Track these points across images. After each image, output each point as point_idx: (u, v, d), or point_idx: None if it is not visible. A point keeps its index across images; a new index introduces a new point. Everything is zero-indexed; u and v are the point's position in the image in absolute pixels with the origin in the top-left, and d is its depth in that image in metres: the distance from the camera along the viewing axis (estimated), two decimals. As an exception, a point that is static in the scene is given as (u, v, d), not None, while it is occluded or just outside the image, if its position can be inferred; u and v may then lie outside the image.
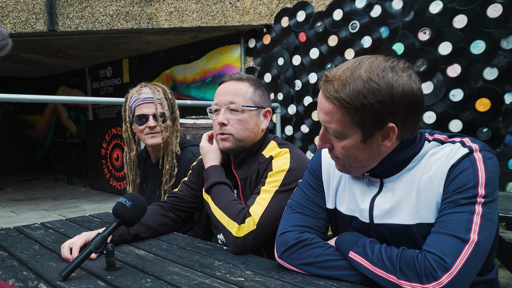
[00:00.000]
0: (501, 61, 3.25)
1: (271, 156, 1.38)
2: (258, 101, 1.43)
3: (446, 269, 0.80)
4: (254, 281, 0.96)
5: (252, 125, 1.42)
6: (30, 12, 4.69)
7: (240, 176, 1.41)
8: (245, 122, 1.40)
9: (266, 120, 1.47)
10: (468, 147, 0.91)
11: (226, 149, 1.43)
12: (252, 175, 1.39)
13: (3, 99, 2.68)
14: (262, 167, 1.37)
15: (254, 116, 1.42)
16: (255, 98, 1.42)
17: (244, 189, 1.41)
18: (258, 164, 1.39)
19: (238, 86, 1.41)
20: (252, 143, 1.44)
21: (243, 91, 1.41)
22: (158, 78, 6.37)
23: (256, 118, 1.43)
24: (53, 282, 0.98)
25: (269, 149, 1.42)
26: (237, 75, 1.44)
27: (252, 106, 1.41)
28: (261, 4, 4.77)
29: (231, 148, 1.42)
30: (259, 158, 1.41)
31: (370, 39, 4.00)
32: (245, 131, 1.40)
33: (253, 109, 1.41)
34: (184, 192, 1.58)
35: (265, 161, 1.38)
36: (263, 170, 1.36)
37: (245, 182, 1.41)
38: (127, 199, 1.13)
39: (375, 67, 0.89)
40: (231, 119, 1.39)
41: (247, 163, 1.44)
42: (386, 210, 0.97)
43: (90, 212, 5.00)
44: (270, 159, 1.37)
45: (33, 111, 9.54)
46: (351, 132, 0.92)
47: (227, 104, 1.40)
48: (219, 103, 1.42)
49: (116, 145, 6.24)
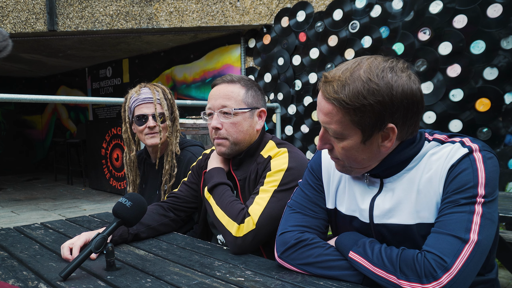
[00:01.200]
0: (501, 61, 3.25)
1: (270, 156, 1.37)
2: (251, 102, 1.42)
3: (446, 269, 0.80)
4: (254, 281, 0.96)
5: (247, 127, 1.41)
6: (30, 12, 4.69)
7: (239, 177, 1.41)
8: (239, 124, 1.39)
9: (260, 120, 1.46)
10: (468, 147, 0.91)
11: (222, 154, 1.43)
12: (250, 176, 1.39)
13: (3, 99, 2.68)
14: (261, 167, 1.37)
15: (248, 118, 1.41)
16: (247, 99, 1.41)
17: (243, 190, 1.41)
18: (257, 164, 1.39)
19: (230, 89, 1.40)
20: (248, 144, 1.43)
21: (234, 93, 1.40)
22: (158, 78, 6.37)
23: (250, 120, 1.42)
24: (53, 282, 0.98)
25: (268, 149, 1.42)
26: (228, 77, 1.43)
27: (245, 108, 1.40)
28: (261, 4, 4.78)
29: (227, 153, 1.42)
30: (258, 158, 1.40)
31: (370, 39, 4.00)
32: (239, 134, 1.39)
33: (246, 111, 1.40)
34: (184, 192, 1.58)
35: (263, 161, 1.38)
36: (262, 170, 1.36)
37: (243, 183, 1.41)
38: (127, 199, 1.13)
39: (374, 67, 0.89)
40: (224, 122, 1.39)
41: (245, 164, 1.43)
42: (386, 210, 0.97)
43: (90, 212, 5.00)
44: (268, 159, 1.37)
45: (33, 111, 9.54)
46: (351, 133, 0.92)
47: (219, 108, 1.39)
48: (212, 107, 1.42)
49: (116, 145, 6.24)
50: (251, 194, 1.36)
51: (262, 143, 1.45)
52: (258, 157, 1.41)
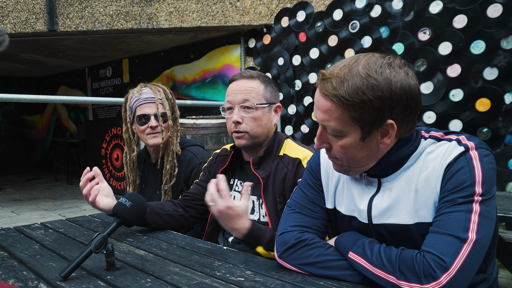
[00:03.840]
0: (501, 61, 3.25)
1: (299, 159, 1.39)
2: (270, 97, 1.47)
3: (445, 269, 0.80)
4: (254, 281, 0.96)
5: (266, 121, 1.45)
6: (30, 12, 4.69)
7: (262, 176, 1.43)
8: (259, 119, 1.43)
9: (277, 115, 1.51)
10: (464, 145, 0.91)
11: (241, 146, 1.46)
12: (275, 175, 1.41)
13: (3, 99, 2.68)
14: (291, 169, 1.38)
15: (267, 113, 1.46)
16: (266, 94, 1.46)
17: (266, 189, 1.42)
18: (283, 164, 1.41)
19: (250, 84, 1.44)
20: (265, 138, 1.47)
21: (255, 88, 1.44)
22: (158, 78, 6.37)
23: (268, 114, 1.47)
24: (53, 282, 0.98)
25: (290, 149, 1.45)
26: (247, 73, 1.47)
27: (265, 103, 1.45)
28: (261, 4, 4.78)
29: (247, 145, 1.45)
30: (283, 158, 1.43)
31: (370, 39, 4.00)
32: (259, 128, 1.44)
33: (266, 106, 1.45)
34: (194, 190, 1.61)
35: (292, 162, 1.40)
36: (293, 173, 1.38)
37: (267, 181, 1.42)
38: (127, 199, 1.13)
39: (372, 63, 0.90)
40: (245, 117, 1.42)
41: (266, 162, 1.46)
42: (384, 210, 0.97)
43: (90, 212, 5.00)
44: (298, 161, 1.39)
45: (33, 111, 9.54)
46: (350, 130, 0.92)
47: (241, 103, 1.43)
48: (232, 101, 1.45)
49: (116, 145, 6.24)
50: (274, 193, 1.38)
51: (277, 141, 1.49)
52: (283, 157, 1.43)
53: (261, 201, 1.43)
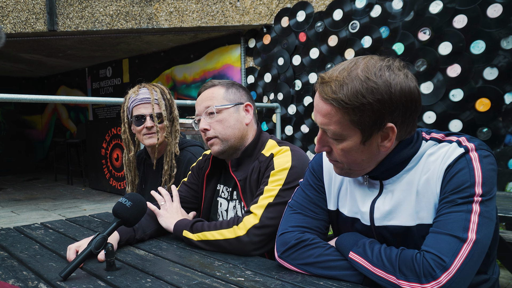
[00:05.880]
0: (501, 61, 3.25)
1: (272, 154, 1.38)
2: (233, 98, 1.46)
3: (444, 269, 0.80)
4: (254, 281, 0.96)
5: (233, 121, 1.43)
6: (30, 12, 4.69)
7: (239, 178, 1.42)
8: (225, 121, 1.42)
9: (248, 114, 1.48)
10: (464, 146, 0.91)
11: (217, 153, 1.45)
12: (252, 175, 1.39)
13: (3, 99, 2.68)
14: (263, 165, 1.37)
15: (233, 113, 1.44)
16: (228, 96, 1.45)
17: (244, 190, 1.41)
18: (259, 163, 1.39)
19: (211, 91, 1.46)
20: (241, 140, 1.45)
21: (215, 94, 1.45)
22: (158, 78, 6.38)
23: (235, 115, 1.44)
24: (53, 282, 0.98)
25: (269, 148, 1.43)
26: (209, 83, 1.48)
27: (227, 104, 1.44)
28: (261, 4, 4.78)
29: (221, 150, 1.43)
30: (259, 157, 1.41)
31: (370, 39, 4.00)
32: (228, 129, 1.42)
33: (229, 107, 1.43)
34: (184, 192, 1.58)
35: (266, 159, 1.38)
36: (265, 168, 1.36)
37: (244, 182, 1.41)
38: (127, 199, 1.13)
39: (371, 66, 0.89)
40: (211, 122, 1.42)
41: (245, 164, 1.44)
42: (386, 212, 0.97)
43: (90, 212, 5.00)
44: (271, 157, 1.37)
45: (33, 111, 9.54)
46: (351, 133, 0.92)
47: (204, 110, 1.44)
48: (198, 112, 1.47)
49: (116, 145, 6.24)
50: (253, 194, 1.36)
51: (260, 142, 1.46)
52: (260, 156, 1.41)
53: (242, 204, 1.41)
